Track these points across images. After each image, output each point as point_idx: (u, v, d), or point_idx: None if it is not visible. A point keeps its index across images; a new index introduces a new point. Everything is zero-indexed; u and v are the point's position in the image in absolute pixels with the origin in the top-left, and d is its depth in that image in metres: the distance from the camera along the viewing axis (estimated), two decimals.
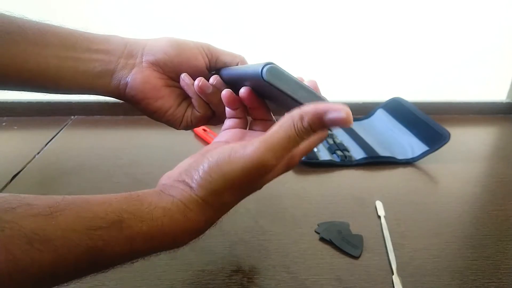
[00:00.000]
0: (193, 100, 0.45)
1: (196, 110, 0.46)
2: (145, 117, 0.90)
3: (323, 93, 0.40)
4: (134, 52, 0.43)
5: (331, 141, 0.75)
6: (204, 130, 0.78)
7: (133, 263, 0.31)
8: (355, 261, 0.47)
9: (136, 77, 0.43)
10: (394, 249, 0.48)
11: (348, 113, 0.28)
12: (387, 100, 0.85)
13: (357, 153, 0.72)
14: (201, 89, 0.43)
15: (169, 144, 0.76)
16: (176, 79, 0.45)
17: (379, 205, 0.57)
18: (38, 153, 0.70)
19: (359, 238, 0.50)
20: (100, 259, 0.28)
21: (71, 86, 0.43)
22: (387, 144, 0.75)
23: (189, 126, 0.47)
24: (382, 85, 0.95)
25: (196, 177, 0.33)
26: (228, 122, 0.41)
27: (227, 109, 0.41)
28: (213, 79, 0.43)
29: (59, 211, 0.27)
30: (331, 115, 0.28)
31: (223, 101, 0.40)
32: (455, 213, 0.57)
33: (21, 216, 0.25)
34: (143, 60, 0.43)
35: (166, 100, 0.45)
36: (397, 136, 0.77)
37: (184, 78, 0.44)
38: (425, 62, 0.94)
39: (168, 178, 0.36)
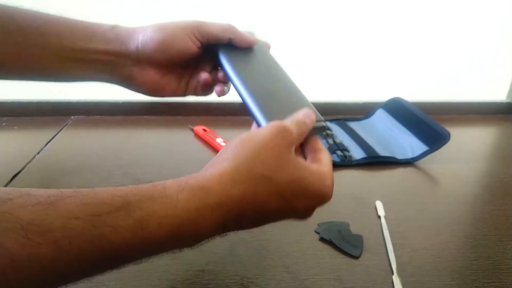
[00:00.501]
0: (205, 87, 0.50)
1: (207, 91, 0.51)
2: (145, 117, 0.90)
3: (324, 93, 0.43)
4: (130, 51, 0.45)
5: (331, 141, 0.75)
6: (204, 130, 0.78)
7: (151, 258, 0.28)
8: (355, 261, 0.47)
9: (137, 77, 0.46)
10: (394, 249, 0.48)
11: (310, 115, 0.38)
12: (387, 100, 0.85)
13: (357, 153, 0.72)
14: (221, 93, 0.49)
15: (169, 144, 0.76)
16: (172, 64, 0.47)
17: (379, 205, 0.57)
18: (38, 153, 0.70)
19: (359, 238, 0.50)
20: (108, 250, 0.25)
21: (77, 79, 0.46)
22: (387, 144, 0.75)
23: (194, 95, 0.52)
24: (382, 85, 0.95)
25: (224, 156, 0.32)
26: None
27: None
28: (221, 80, 0.49)
29: (60, 200, 0.25)
30: (302, 113, 0.37)
31: None
32: (455, 213, 0.57)
33: (19, 207, 0.24)
34: (139, 59, 0.45)
35: (168, 88, 0.48)
36: (397, 136, 0.77)
37: (203, 76, 0.48)
38: (425, 62, 0.94)
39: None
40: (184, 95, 0.51)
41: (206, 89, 0.50)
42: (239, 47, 0.48)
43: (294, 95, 0.44)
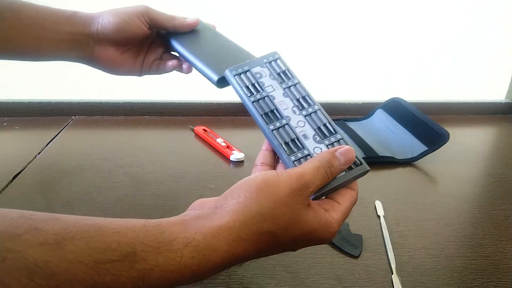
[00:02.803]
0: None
1: (163, 66, 0.59)
2: (146, 117, 0.90)
3: (324, 93, 0.42)
4: (92, 32, 0.53)
5: None
6: (205, 130, 0.79)
7: None
8: (355, 260, 0.47)
9: (98, 54, 0.54)
10: (394, 249, 0.49)
11: (348, 153, 0.36)
12: (387, 100, 0.86)
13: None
14: (172, 67, 0.58)
15: (169, 144, 0.76)
16: (127, 44, 0.55)
17: (379, 204, 0.57)
18: (39, 153, 0.70)
19: (359, 237, 0.50)
20: None
21: (49, 57, 0.53)
22: (386, 144, 0.76)
23: (149, 73, 0.59)
24: (382, 85, 0.96)
25: (239, 200, 0.31)
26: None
27: (258, 157, 0.41)
28: (187, 66, 0.57)
29: (67, 240, 0.25)
30: (338, 151, 0.36)
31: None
32: (454, 213, 0.57)
33: (27, 245, 0.24)
34: (99, 39, 0.53)
35: (125, 65, 0.56)
36: (396, 136, 0.77)
37: (170, 64, 0.58)
38: (424, 62, 0.95)
39: (200, 206, 0.34)
40: (140, 73, 0.58)
41: (159, 67, 0.58)
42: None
43: (240, 50, 0.54)
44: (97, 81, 0.89)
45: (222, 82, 0.48)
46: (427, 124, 0.74)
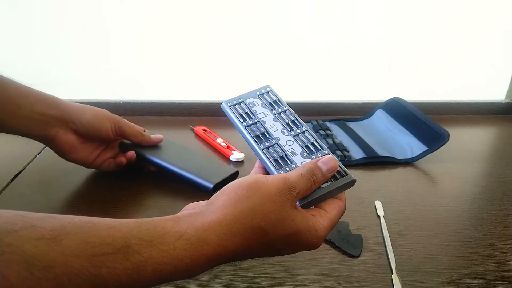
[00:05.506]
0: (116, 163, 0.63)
1: (112, 165, 0.63)
2: (145, 117, 0.90)
3: (324, 93, 0.42)
4: (64, 118, 0.56)
5: (330, 141, 0.75)
6: (205, 130, 0.79)
7: None
8: (355, 260, 0.47)
9: (60, 137, 0.56)
10: (394, 249, 0.49)
11: (330, 162, 0.38)
12: (387, 100, 0.86)
13: (356, 153, 0.72)
14: (120, 162, 0.62)
15: None
16: (89, 139, 0.59)
17: (379, 204, 0.57)
18: (39, 153, 0.70)
19: (359, 237, 0.50)
20: None
21: (16, 132, 0.55)
22: (386, 144, 0.76)
23: (98, 168, 0.62)
24: (382, 85, 0.96)
25: (230, 196, 0.33)
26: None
27: (250, 174, 0.42)
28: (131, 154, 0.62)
29: (63, 235, 0.26)
30: (320, 161, 0.38)
31: None
32: (454, 213, 0.57)
33: (24, 240, 0.25)
34: (68, 126, 0.56)
35: (80, 154, 0.59)
36: (396, 136, 0.77)
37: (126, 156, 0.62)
38: (424, 62, 0.95)
39: (193, 207, 0.36)
40: (90, 165, 0.61)
41: (110, 165, 0.62)
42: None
43: (209, 157, 0.68)
44: (96, 81, 0.89)
45: (216, 189, 0.54)
46: (427, 124, 0.74)
